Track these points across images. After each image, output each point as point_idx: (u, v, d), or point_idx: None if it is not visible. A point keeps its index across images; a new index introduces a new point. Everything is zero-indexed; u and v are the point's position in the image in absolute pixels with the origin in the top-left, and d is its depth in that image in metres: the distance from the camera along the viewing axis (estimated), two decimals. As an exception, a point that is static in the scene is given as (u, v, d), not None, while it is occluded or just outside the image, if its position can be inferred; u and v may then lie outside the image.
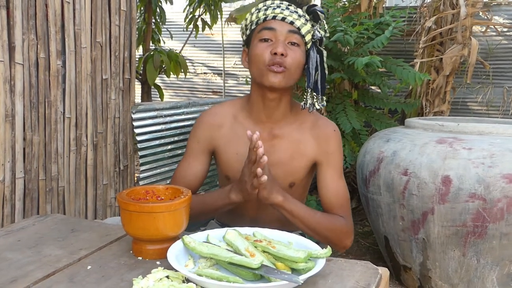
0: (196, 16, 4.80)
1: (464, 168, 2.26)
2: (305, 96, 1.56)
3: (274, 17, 1.51)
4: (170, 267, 1.04)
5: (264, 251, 1.10)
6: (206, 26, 4.84)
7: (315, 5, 1.55)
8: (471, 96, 4.46)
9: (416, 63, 3.66)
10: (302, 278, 0.97)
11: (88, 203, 2.29)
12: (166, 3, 4.61)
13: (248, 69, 1.59)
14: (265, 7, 1.55)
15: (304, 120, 1.62)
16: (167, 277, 1.02)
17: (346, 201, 1.62)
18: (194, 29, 4.87)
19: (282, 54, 1.48)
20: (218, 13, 4.65)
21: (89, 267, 1.11)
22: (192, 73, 6.54)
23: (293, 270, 1.06)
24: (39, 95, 1.98)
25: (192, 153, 1.67)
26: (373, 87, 4.19)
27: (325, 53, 1.57)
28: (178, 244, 1.13)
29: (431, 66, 3.81)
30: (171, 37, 5.35)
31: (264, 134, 1.59)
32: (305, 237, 1.27)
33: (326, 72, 1.57)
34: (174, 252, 1.09)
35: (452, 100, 4.04)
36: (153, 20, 4.57)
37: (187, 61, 5.00)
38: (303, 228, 1.53)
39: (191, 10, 4.76)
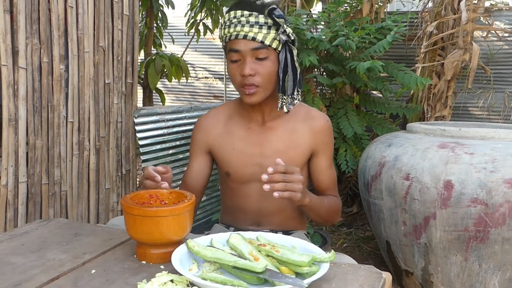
0: (198, 21, 4.81)
1: (466, 173, 2.26)
2: (279, 100, 1.58)
3: (236, 36, 1.53)
4: (174, 271, 1.04)
5: (268, 255, 1.10)
6: (208, 31, 4.85)
7: (274, 9, 1.53)
8: (472, 101, 4.46)
9: (417, 68, 3.67)
10: (306, 282, 0.98)
11: (90, 207, 2.29)
12: (168, 7, 4.62)
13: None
14: (228, 23, 1.56)
15: (296, 112, 1.68)
16: (172, 281, 1.02)
17: (335, 183, 1.78)
18: (196, 34, 4.88)
19: (251, 75, 1.52)
20: (220, 17, 4.65)
21: (93, 271, 1.11)
22: (193, 77, 6.55)
23: (297, 274, 1.06)
24: (42, 100, 1.99)
25: (193, 156, 1.75)
26: (374, 92, 4.20)
27: (295, 51, 1.57)
28: (182, 248, 1.13)
29: (432, 71, 3.81)
30: (173, 42, 5.36)
31: (257, 127, 1.67)
32: (309, 240, 1.28)
33: (298, 69, 1.57)
34: (178, 256, 1.10)
35: (453, 105, 4.04)
36: (155, 25, 4.58)
37: (188, 65, 5.01)
38: (314, 216, 1.62)
39: (193, 14, 4.77)
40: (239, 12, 1.55)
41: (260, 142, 1.65)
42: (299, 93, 1.58)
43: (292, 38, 1.56)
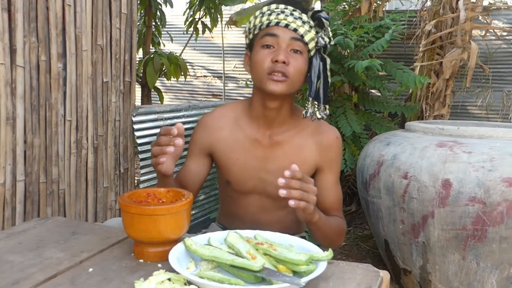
0: (196, 19, 4.81)
1: (464, 171, 2.26)
2: (306, 105, 1.54)
3: (277, 23, 1.48)
4: (171, 270, 1.04)
5: (265, 254, 1.10)
6: (206, 29, 4.85)
7: (321, 11, 1.52)
8: (470, 100, 4.46)
9: (416, 66, 3.67)
10: (303, 280, 0.98)
11: (88, 206, 2.29)
12: (166, 6, 4.62)
13: (249, 73, 1.58)
14: (269, 12, 1.51)
15: (306, 126, 1.61)
16: (169, 279, 1.02)
17: (341, 203, 1.68)
18: (194, 32, 4.88)
19: (284, 62, 1.46)
20: (218, 16, 4.66)
21: (90, 269, 1.11)
22: (192, 76, 6.55)
23: (295, 273, 1.06)
24: (40, 98, 1.99)
25: (191, 155, 1.67)
26: (373, 91, 4.20)
27: (328, 60, 1.54)
28: (179, 247, 1.13)
29: (431, 70, 3.82)
30: (171, 40, 5.36)
31: (264, 140, 1.59)
32: (306, 239, 1.27)
33: (330, 80, 1.54)
34: (176, 254, 1.09)
35: (452, 104, 4.05)
36: (153, 23, 4.58)
37: (187, 64, 5.01)
38: (320, 235, 1.53)
39: (191, 13, 4.77)
40: (282, 5, 1.52)
41: (265, 157, 1.59)
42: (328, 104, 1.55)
43: (332, 42, 1.53)
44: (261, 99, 1.55)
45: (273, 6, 1.53)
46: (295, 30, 1.48)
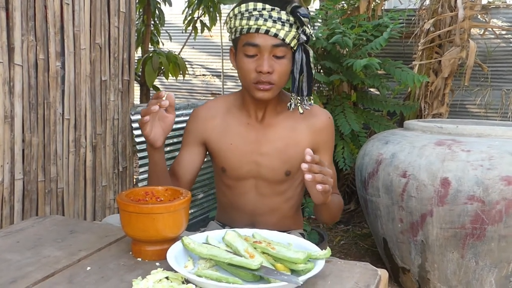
0: (195, 18, 4.80)
1: (463, 170, 2.26)
2: (290, 99, 1.57)
3: (257, 30, 1.47)
4: (169, 268, 1.04)
5: (263, 252, 1.10)
6: (205, 28, 4.84)
7: (299, 7, 1.50)
8: (469, 98, 4.46)
9: (415, 65, 3.67)
10: (301, 279, 0.98)
11: (87, 204, 2.28)
12: (165, 4, 4.61)
13: (235, 69, 1.60)
14: (248, 15, 1.49)
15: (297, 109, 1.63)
16: (167, 278, 1.02)
17: (336, 181, 1.71)
18: (193, 31, 4.87)
19: (268, 72, 1.48)
20: (217, 15, 4.65)
21: (88, 268, 1.11)
22: (191, 74, 6.54)
23: (293, 271, 1.06)
24: (38, 97, 1.98)
25: (185, 146, 1.70)
26: (372, 89, 4.20)
27: (311, 52, 1.54)
28: (177, 245, 1.13)
29: (429, 69, 3.82)
30: (170, 39, 5.35)
31: (256, 124, 1.62)
32: (305, 237, 1.28)
33: (313, 71, 1.56)
34: (174, 253, 1.09)
35: (450, 103, 4.05)
36: (152, 22, 4.57)
37: (186, 62, 5.00)
38: (326, 215, 1.58)
39: (190, 12, 4.76)
40: (259, 5, 1.49)
41: (258, 140, 1.61)
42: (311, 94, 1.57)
43: (313, 38, 1.54)
44: (250, 95, 1.59)
45: (251, 6, 1.50)
46: (275, 35, 1.47)
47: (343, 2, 3.82)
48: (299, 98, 1.55)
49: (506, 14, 4.35)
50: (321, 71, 3.61)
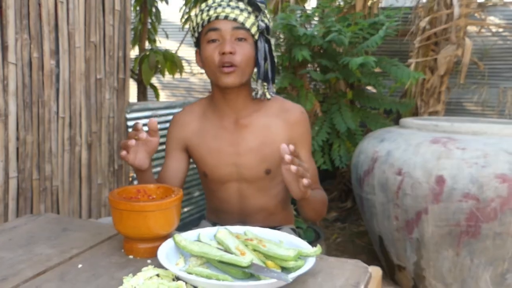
0: (192, 16, 4.79)
1: (458, 168, 2.27)
2: (256, 86, 1.59)
3: (217, 17, 1.53)
4: (161, 266, 1.04)
5: (254, 250, 1.10)
6: (202, 26, 4.83)
7: None
8: (466, 96, 4.46)
9: (411, 63, 3.67)
10: (291, 276, 0.98)
11: (82, 202, 2.29)
12: (162, 2, 4.61)
13: (203, 69, 1.62)
14: (207, 8, 1.56)
15: (269, 106, 1.65)
16: (157, 275, 1.02)
17: (317, 176, 1.71)
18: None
19: (230, 53, 1.50)
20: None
21: (80, 265, 1.11)
22: (188, 73, 6.53)
23: (283, 269, 1.06)
24: (33, 95, 1.98)
25: (169, 153, 1.72)
26: (368, 87, 4.20)
27: (272, 41, 1.60)
28: (169, 243, 1.13)
29: (426, 66, 3.82)
30: (167, 37, 5.35)
31: (231, 126, 1.63)
32: (296, 235, 1.28)
33: (276, 60, 1.61)
34: (165, 250, 1.09)
35: (447, 100, 4.05)
36: (149, 20, 4.57)
37: (183, 61, 4.99)
38: (309, 210, 1.56)
39: (187, 10, 4.76)
40: None
41: (234, 141, 1.62)
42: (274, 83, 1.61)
43: (270, 24, 1.57)
44: (219, 91, 1.61)
45: (210, 1, 1.57)
46: (234, 19, 1.53)
47: (339, 0, 3.82)
48: (265, 84, 1.58)
49: (503, 12, 4.35)
50: (318, 69, 3.61)
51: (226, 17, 1.52)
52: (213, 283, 0.95)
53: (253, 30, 1.55)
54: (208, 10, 1.55)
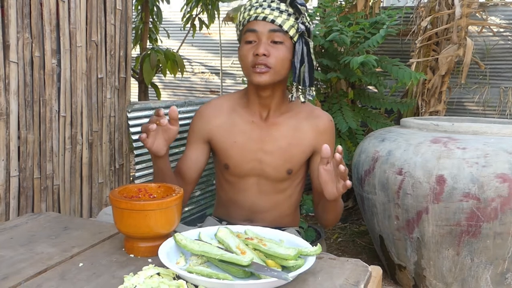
0: (194, 16, 4.80)
1: (458, 167, 2.27)
2: (292, 89, 1.61)
3: (256, 18, 1.54)
4: (161, 264, 1.04)
5: (255, 249, 1.11)
6: (204, 26, 4.84)
7: None
8: (467, 96, 4.46)
9: (412, 63, 3.67)
10: (291, 275, 0.98)
11: (83, 201, 2.29)
12: (163, 2, 4.61)
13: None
14: (249, 7, 1.58)
15: (300, 110, 1.67)
16: (158, 274, 1.03)
17: None
18: (192, 29, 4.87)
19: (264, 55, 1.52)
20: (216, 12, 4.65)
21: (80, 264, 1.11)
22: (190, 72, 6.54)
23: (284, 268, 1.06)
24: (34, 94, 1.99)
25: (190, 144, 1.72)
26: (369, 87, 4.20)
27: (311, 43, 1.60)
28: (169, 242, 1.14)
29: (427, 66, 3.82)
30: (168, 36, 5.35)
31: (260, 122, 1.65)
32: (300, 235, 1.28)
33: (315, 63, 1.61)
34: (165, 249, 1.10)
35: (448, 100, 4.05)
36: (150, 19, 4.57)
37: (184, 60, 5.00)
38: (332, 213, 1.58)
39: (189, 9, 4.76)
40: None
41: (262, 138, 1.64)
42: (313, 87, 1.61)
43: (311, 27, 1.59)
44: (254, 88, 1.63)
45: (253, 0, 1.59)
46: (272, 21, 1.54)
47: (340, 0, 3.82)
48: (301, 88, 1.59)
49: (504, 12, 4.35)
50: (319, 68, 3.62)
51: (264, 18, 1.54)
52: (214, 282, 0.96)
53: (292, 32, 1.56)
54: (250, 10, 1.57)
